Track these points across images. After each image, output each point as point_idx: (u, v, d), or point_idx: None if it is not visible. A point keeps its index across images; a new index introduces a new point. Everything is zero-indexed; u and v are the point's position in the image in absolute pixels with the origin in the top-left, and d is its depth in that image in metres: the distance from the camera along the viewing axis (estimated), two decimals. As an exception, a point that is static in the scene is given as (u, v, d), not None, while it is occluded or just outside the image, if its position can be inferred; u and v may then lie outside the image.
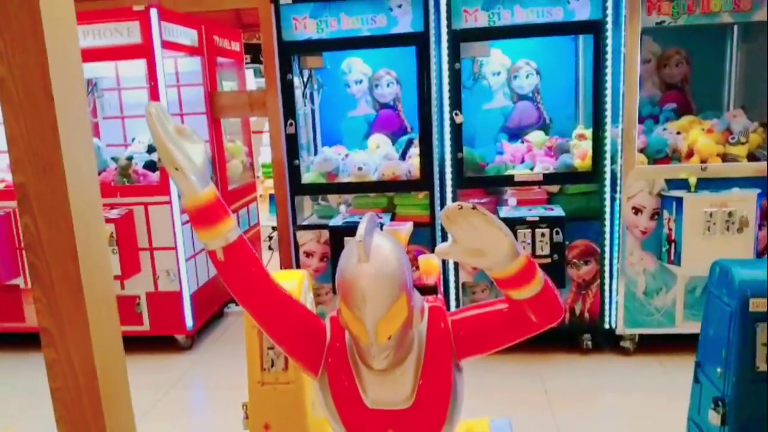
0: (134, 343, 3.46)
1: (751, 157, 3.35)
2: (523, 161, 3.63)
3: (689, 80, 3.85)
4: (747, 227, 3.15)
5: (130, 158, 3.91)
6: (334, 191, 3.59)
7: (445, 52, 3.36)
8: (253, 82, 7.81)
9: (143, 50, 3.61)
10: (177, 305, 3.72)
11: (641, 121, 3.73)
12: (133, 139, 4.37)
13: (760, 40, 3.34)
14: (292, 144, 3.52)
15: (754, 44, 3.58)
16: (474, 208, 1.15)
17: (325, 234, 3.49)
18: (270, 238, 5.95)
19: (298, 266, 3.58)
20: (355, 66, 3.98)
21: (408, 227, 1.88)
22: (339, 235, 3.32)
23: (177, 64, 4.37)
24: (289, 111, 3.50)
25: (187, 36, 4.14)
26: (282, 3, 3.46)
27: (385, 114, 4.01)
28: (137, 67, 3.77)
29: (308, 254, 3.59)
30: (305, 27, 3.46)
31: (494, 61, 3.86)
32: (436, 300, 1.41)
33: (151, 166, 3.88)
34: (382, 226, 1.74)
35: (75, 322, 1.19)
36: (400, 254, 1.21)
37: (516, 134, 3.89)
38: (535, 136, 3.79)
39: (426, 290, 1.54)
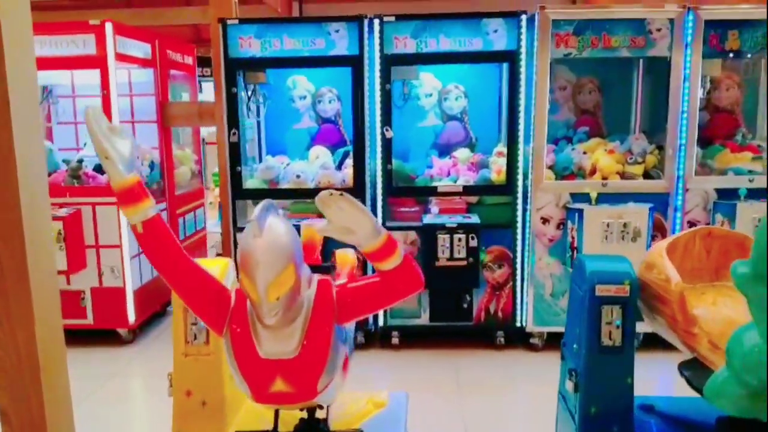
0: (78, 336, 3.68)
1: (647, 175, 3.79)
2: (449, 174, 4.00)
3: (601, 106, 4.30)
4: (640, 237, 3.56)
5: (80, 161, 4.12)
6: (274, 197, 3.83)
7: (377, 74, 3.70)
8: (212, 94, 8.04)
9: (97, 61, 3.86)
10: (120, 300, 3.94)
11: (557, 141, 4.16)
12: (84, 144, 4.59)
13: (660, 73, 3.79)
14: (235, 152, 3.81)
15: (655, 76, 4.04)
16: (341, 194, 1.47)
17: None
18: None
19: (237, 266, 3.84)
20: (300, 83, 4.30)
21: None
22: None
23: (130, 74, 4.62)
24: (233, 122, 3.79)
25: (140, 49, 4.40)
26: (230, 23, 3.76)
27: (327, 128, 4.34)
28: (92, 76, 4.01)
29: (247, 254, 3.86)
30: (250, 45, 3.77)
31: (427, 83, 4.24)
32: (327, 276, 1.72)
33: (100, 168, 4.10)
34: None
35: (20, 303, 1.39)
36: (291, 233, 1.51)
37: (445, 150, 4.26)
38: (462, 153, 4.16)
39: (321, 269, 1.86)
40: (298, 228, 1.67)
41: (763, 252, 1.48)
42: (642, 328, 2.10)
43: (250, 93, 4.03)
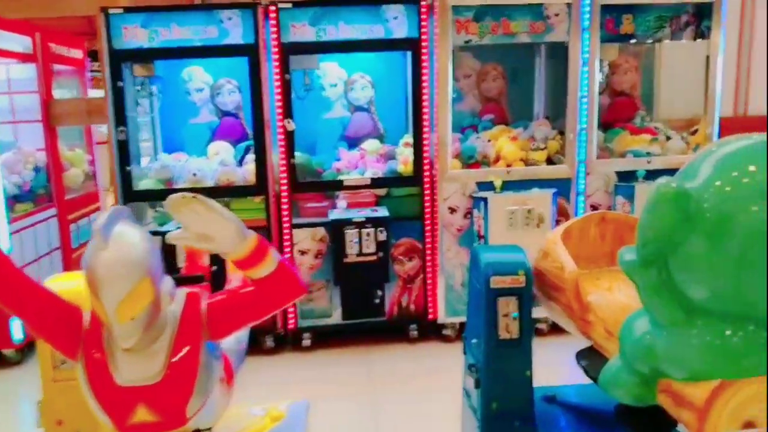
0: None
1: (550, 161, 3.81)
2: (357, 167, 3.88)
3: (505, 93, 4.30)
4: (544, 223, 3.58)
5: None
6: (166, 197, 3.61)
7: (275, 63, 3.53)
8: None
9: (-35, 56, 3.50)
10: (3, 319, 3.60)
11: (463, 130, 4.13)
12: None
13: (561, 59, 3.81)
14: (124, 150, 3.55)
15: (557, 62, 4.06)
16: (194, 197, 1.32)
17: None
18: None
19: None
20: (196, 75, 4.07)
21: None
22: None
23: (9, 71, 4.24)
24: (120, 118, 3.53)
25: (19, 43, 4.04)
26: (112, 12, 3.49)
27: (228, 122, 4.12)
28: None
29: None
30: (136, 36, 3.51)
31: (331, 73, 4.10)
32: (199, 287, 1.57)
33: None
34: None
35: None
36: (144, 242, 1.35)
37: (354, 142, 4.14)
38: (370, 145, 4.05)
39: (190, 279, 1.70)
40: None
41: (646, 238, 1.45)
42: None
43: (139, 87, 3.76)
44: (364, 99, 4.15)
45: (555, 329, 3.64)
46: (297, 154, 3.77)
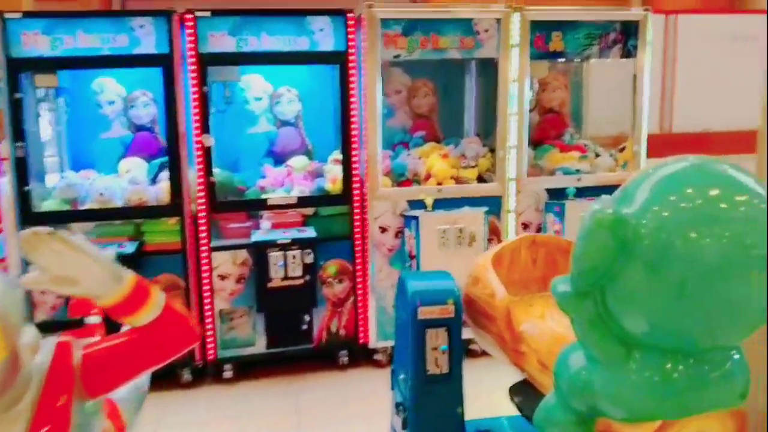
0: None
1: (481, 179, 3.72)
2: (283, 185, 3.68)
3: (436, 110, 4.21)
4: (476, 242, 3.48)
5: None
6: (71, 219, 3.31)
7: (191, 75, 3.31)
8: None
9: None
10: None
11: (395, 147, 4.00)
12: None
13: (491, 75, 3.75)
14: (22, 168, 3.23)
15: (487, 78, 4.01)
16: (51, 233, 1.11)
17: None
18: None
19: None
20: (107, 86, 3.78)
21: None
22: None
23: None
24: (18, 133, 3.21)
25: None
26: (9, 17, 3.18)
27: (142, 136, 3.84)
28: None
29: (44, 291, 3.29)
30: (37, 43, 3.21)
31: (256, 86, 3.89)
32: (77, 333, 1.34)
33: None
34: None
35: None
36: None
37: (282, 159, 3.94)
38: (297, 161, 3.86)
39: (66, 325, 1.46)
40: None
41: (581, 268, 1.33)
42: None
43: (42, 98, 3.45)
44: (291, 113, 3.96)
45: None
46: (217, 171, 3.54)
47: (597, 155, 4.00)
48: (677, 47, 4.57)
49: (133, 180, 3.43)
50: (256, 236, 3.43)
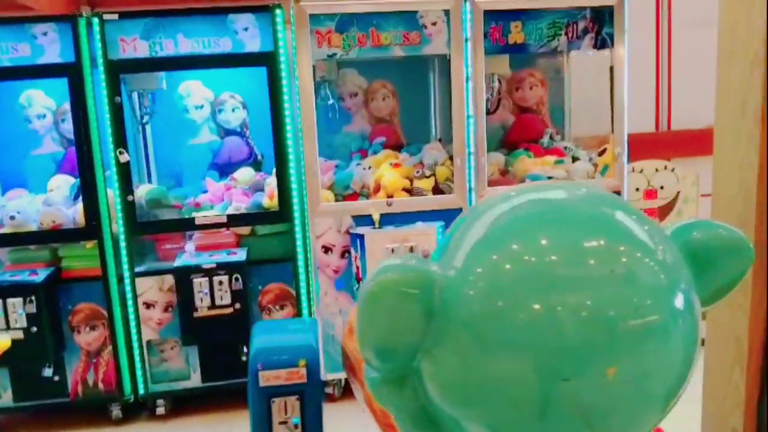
0: None
1: (440, 190, 3.32)
2: (222, 200, 3.35)
3: (398, 113, 3.81)
4: (429, 262, 3.07)
5: None
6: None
7: (102, 84, 3.00)
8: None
9: None
10: None
11: (352, 155, 3.63)
12: None
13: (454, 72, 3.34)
14: None
15: (447, 77, 3.60)
16: None
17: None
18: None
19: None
20: (36, 99, 3.50)
21: None
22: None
23: None
24: None
25: None
26: None
27: (74, 152, 3.55)
28: None
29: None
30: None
31: (195, 93, 3.57)
32: None
33: None
34: None
35: None
36: None
37: (228, 171, 3.61)
38: (243, 174, 3.53)
39: None
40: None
41: (373, 348, 0.94)
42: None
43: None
44: (235, 121, 3.63)
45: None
46: (148, 187, 3.24)
47: (575, 159, 3.56)
48: (671, 31, 4.07)
49: (47, 201, 3.14)
50: (181, 260, 3.10)
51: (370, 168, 3.34)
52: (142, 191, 3.33)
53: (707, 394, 1.66)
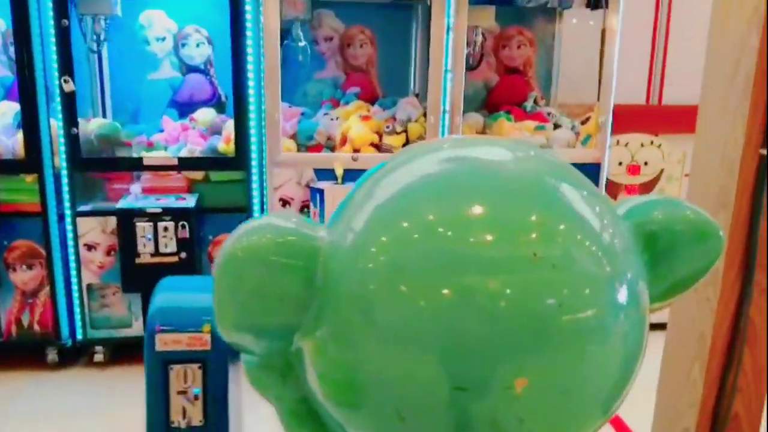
0: None
1: (410, 148, 3.12)
2: (178, 141, 3.13)
3: (375, 63, 3.57)
4: (390, 224, 2.89)
5: None
6: None
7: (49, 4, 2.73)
8: None
9: None
10: None
11: (322, 104, 3.40)
12: None
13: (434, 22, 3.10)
14: None
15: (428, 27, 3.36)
16: None
17: None
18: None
19: None
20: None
21: None
22: None
23: None
24: None
25: None
26: None
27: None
28: None
29: None
30: None
31: (157, 24, 3.30)
32: None
33: None
34: None
35: None
36: None
37: (188, 110, 3.37)
38: (204, 114, 3.29)
39: None
40: None
41: (238, 326, 0.76)
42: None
43: None
44: (200, 58, 3.37)
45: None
46: (101, 121, 3.00)
47: (557, 126, 3.36)
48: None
49: (-12, 128, 2.90)
50: (125, 202, 2.90)
51: (338, 119, 3.12)
52: (93, 125, 3.10)
53: (662, 388, 1.52)
